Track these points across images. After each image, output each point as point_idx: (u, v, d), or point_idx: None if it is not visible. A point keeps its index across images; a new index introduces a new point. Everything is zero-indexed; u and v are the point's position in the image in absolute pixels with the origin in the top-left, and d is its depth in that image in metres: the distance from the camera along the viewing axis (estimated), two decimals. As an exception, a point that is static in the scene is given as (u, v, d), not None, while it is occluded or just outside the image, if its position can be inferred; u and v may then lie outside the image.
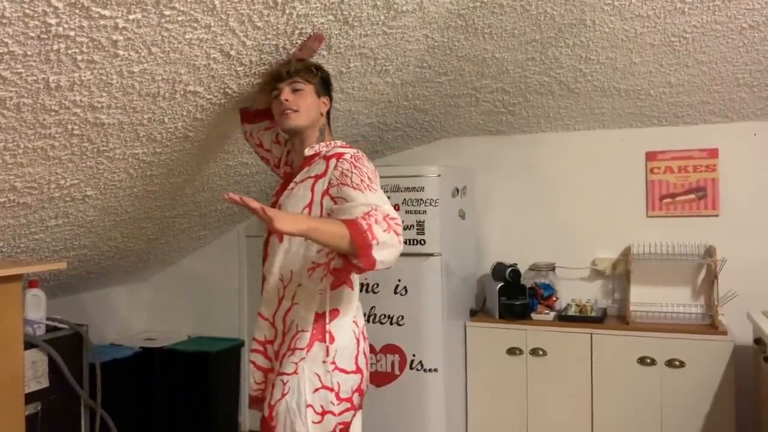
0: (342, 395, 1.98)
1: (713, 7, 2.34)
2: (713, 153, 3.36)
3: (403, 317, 3.16)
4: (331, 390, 1.96)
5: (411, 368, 3.13)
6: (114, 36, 1.66)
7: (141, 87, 1.96)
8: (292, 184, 2.06)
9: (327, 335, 1.97)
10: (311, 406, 1.94)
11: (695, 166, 3.39)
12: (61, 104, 1.86)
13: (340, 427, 1.99)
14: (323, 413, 1.95)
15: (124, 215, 2.95)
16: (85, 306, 3.96)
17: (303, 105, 2.05)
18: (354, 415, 2.04)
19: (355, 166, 1.92)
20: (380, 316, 3.20)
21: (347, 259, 1.79)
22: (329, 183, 1.94)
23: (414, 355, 3.14)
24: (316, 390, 1.95)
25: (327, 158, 2.00)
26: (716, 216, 3.36)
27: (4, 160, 2.02)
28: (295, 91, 2.05)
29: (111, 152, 2.30)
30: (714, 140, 3.37)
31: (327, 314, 1.98)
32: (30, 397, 2.68)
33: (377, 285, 3.20)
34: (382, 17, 2.21)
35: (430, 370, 3.13)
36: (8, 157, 2.02)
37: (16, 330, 2.26)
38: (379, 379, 3.19)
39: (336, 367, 1.97)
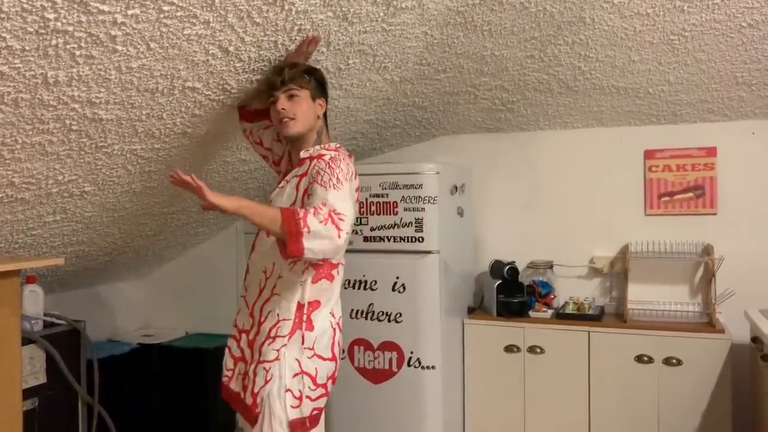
0: (319, 381, 2.09)
1: (712, 6, 2.34)
2: (712, 151, 3.37)
3: (401, 314, 3.16)
4: (310, 376, 2.07)
5: (409, 365, 3.13)
6: (112, 31, 1.66)
7: (139, 83, 1.96)
8: (283, 183, 2.19)
9: (306, 324, 2.08)
10: (290, 390, 2.04)
11: (693, 165, 3.39)
12: (59, 99, 1.86)
13: (315, 412, 2.09)
14: (301, 398, 2.05)
15: (122, 211, 2.95)
16: (82, 302, 3.95)
17: (299, 112, 2.12)
18: (326, 402, 2.15)
19: (329, 166, 2.03)
20: (378, 313, 3.20)
21: (282, 245, 1.89)
22: (308, 181, 2.07)
23: (412, 353, 3.14)
24: (296, 375, 2.05)
25: (311, 159, 2.14)
26: (714, 214, 3.36)
27: (2, 156, 2.02)
28: (291, 97, 2.13)
29: (109, 148, 2.29)
30: (712, 139, 3.37)
31: (307, 305, 2.08)
32: (27, 393, 2.68)
33: (375, 282, 3.20)
34: (381, 14, 2.21)
35: (427, 367, 3.13)
36: (6, 153, 2.01)
37: (14, 326, 2.25)
38: (377, 376, 3.19)
39: (315, 354, 2.09)
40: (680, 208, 3.41)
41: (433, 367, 3.13)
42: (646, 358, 3.10)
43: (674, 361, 3.06)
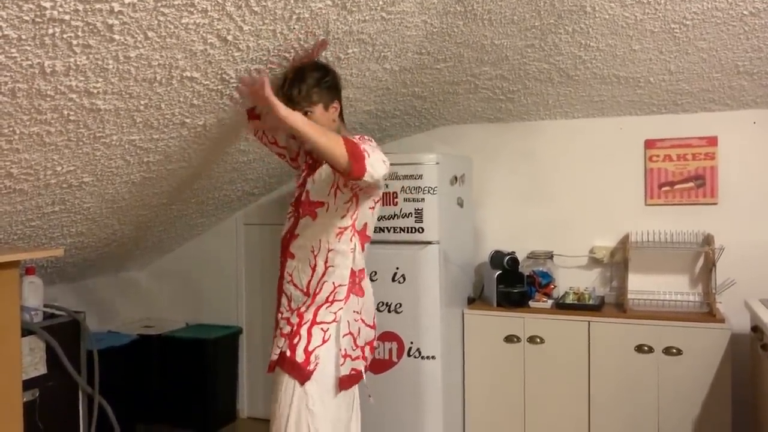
0: (359, 342, 2.28)
1: (714, -6, 2.33)
2: (712, 141, 3.35)
3: (401, 305, 3.16)
4: (353, 336, 2.26)
5: (409, 355, 3.14)
6: (110, 20, 1.64)
7: (137, 72, 1.94)
8: (316, 175, 2.32)
9: (357, 289, 2.29)
10: (341, 349, 2.21)
11: (694, 154, 3.38)
12: (56, 89, 1.84)
13: (353, 372, 2.25)
14: (345, 356, 2.22)
15: (121, 202, 2.94)
16: (82, 293, 3.96)
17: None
18: (365, 368, 2.31)
19: (360, 139, 2.18)
20: (378, 304, 3.19)
21: (341, 168, 2.04)
22: None
23: (412, 343, 3.14)
24: (345, 335, 2.23)
25: None
26: (715, 204, 3.35)
27: (0, 146, 2.01)
28: (304, 114, 2.18)
29: (107, 138, 2.28)
30: (713, 128, 3.36)
31: (358, 272, 2.29)
32: (28, 384, 2.68)
33: (375, 273, 3.19)
34: (380, 2, 2.19)
35: (427, 357, 3.13)
36: (4, 143, 2.00)
37: (13, 317, 2.26)
38: (377, 366, 3.19)
39: (360, 318, 2.30)
40: (681, 198, 3.40)
41: (433, 357, 3.13)
42: (646, 348, 3.10)
43: (674, 350, 3.06)
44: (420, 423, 3.15)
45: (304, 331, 2.21)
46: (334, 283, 2.23)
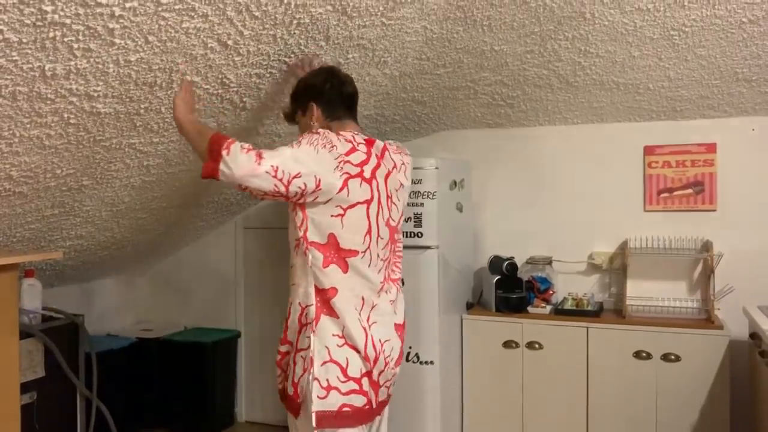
0: (350, 373, 1.98)
1: (713, 1, 2.33)
2: (711, 148, 3.36)
3: (399, 309, 3.15)
4: (339, 365, 1.97)
5: (407, 360, 3.13)
6: (110, 24, 1.65)
7: (138, 76, 1.95)
8: None
9: (329, 310, 1.99)
10: (317, 379, 1.95)
11: (693, 161, 3.38)
12: (57, 93, 1.85)
13: (346, 409, 1.97)
14: (329, 388, 1.95)
15: (120, 205, 2.94)
16: (81, 296, 3.95)
17: (300, 132, 2.19)
18: (368, 407, 2.02)
19: (302, 137, 2.04)
20: (377, 309, 3.19)
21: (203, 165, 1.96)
22: None
23: (410, 348, 3.13)
24: (324, 363, 1.96)
25: None
26: (714, 211, 3.35)
27: (0, 149, 2.01)
28: (296, 122, 2.27)
29: (107, 142, 2.29)
30: (712, 135, 3.36)
31: (327, 290, 1.99)
32: (25, 387, 2.68)
33: (374, 277, 3.19)
34: (381, 8, 2.20)
35: (426, 362, 3.13)
36: (4, 146, 2.01)
37: (12, 320, 2.25)
38: (376, 371, 3.19)
39: (346, 343, 1.99)
40: (679, 205, 3.41)
41: (431, 363, 3.13)
42: (644, 354, 3.10)
43: (672, 357, 3.06)
44: (418, 428, 3.14)
45: (292, 359, 2.06)
46: (300, 303, 2.03)
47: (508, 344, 3.32)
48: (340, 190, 1.97)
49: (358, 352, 2.01)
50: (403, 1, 2.22)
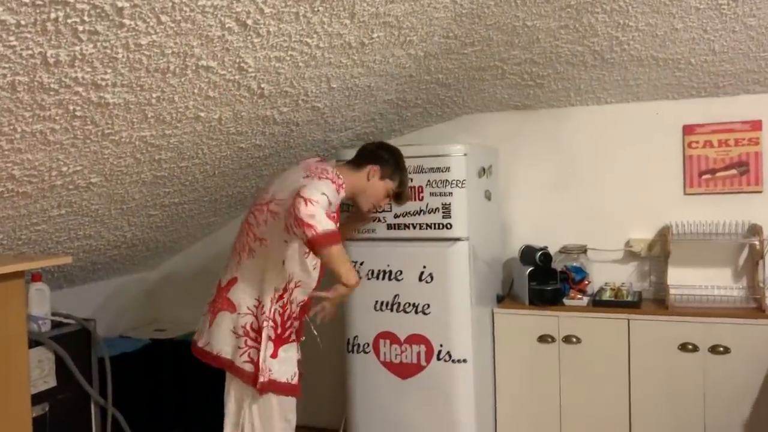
0: None
1: (773, -36, 2.13)
2: (756, 125, 3.17)
3: (428, 305, 2.98)
4: None
5: (438, 359, 2.97)
6: (119, 3, 1.46)
7: (149, 62, 1.77)
8: None
9: None
10: None
11: (737, 140, 3.19)
12: (60, 82, 1.67)
13: None
14: None
15: (131, 203, 2.78)
16: (91, 297, 3.81)
17: None
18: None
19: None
20: (404, 305, 3.02)
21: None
22: None
23: (441, 345, 2.97)
24: None
25: None
26: (760, 192, 3.17)
27: (1, 146, 1.84)
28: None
29: (116, 135, 2.11)
30: (757, 111, 3.17)
31: None
32: (37, 398, 2.57)
33: (401, 272, 3.02)
34: (411, -20, 2.01)
35: (458, 360, 2.96)
36: (4, 143, 1.83)
37: (20, 329, 2.09)
38: (404, 370, 3.03)
39: None
40: (723, 186, 3.22)
41: (464, 361, 2.96)
42: (690, 347, 2.93)
43: (721, 349, 2.88)
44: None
45: None
46: None
47: (543, 339, 3.15)
48: None
49: None
50: (435, -27, 2.02)
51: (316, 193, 2.16)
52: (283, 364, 2.40)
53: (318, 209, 2.12)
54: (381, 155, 2.57)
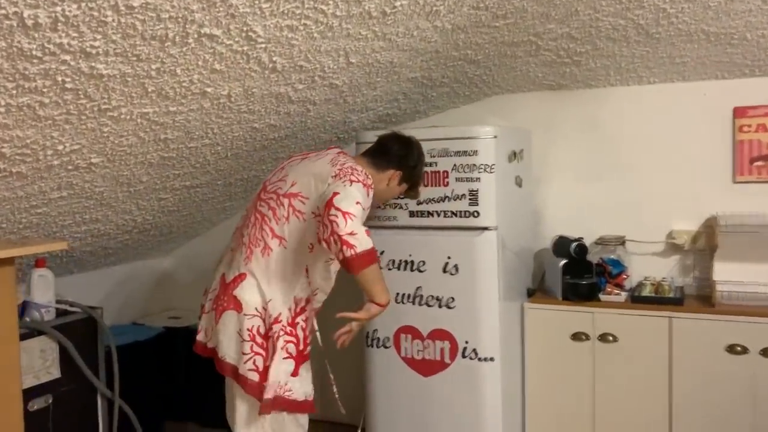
0: None
1: None
2: (815, 107, 2.90)
3: (453, 299, 2.79)
4: None
5: (464, 357, 2.77)
6: (101, -46, 1.28)
7: (144, 28, 1.58)
8: None
9: None
10: None
11: (794, 124, 2.93)
12: (44, 49, 1.49)
13: None
14: None
15: (138, 185, 2.63)
16: (103, 283, 3.69)
17: None
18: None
19: None
20: (427, 298, 2.83)
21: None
22: None
23: (467, 342, 2.77)
24: None
25: None
26: (817, 181, 2.91)
27: (-17, 121, 1.68)
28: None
29: (115, 111, 1.94)
30: (818, 92, 2.91)
31: None
32: (40, 390, 2.46)
33: (423, 263, 2.83)
34: (439, -62, 1.79)
35: (485, 359, 2.76)
36: (-13, 118, 1.67)
37: (10, 323, 1.94)
38: (427, 367, 2.84)
39: None
40: (777, 175, 2.97)
41: (492, 359, 2.76)
42: (739, 348, 2.70)
43: (773, 351, 2.65)
44: None
45: None
46: None
47: (577, 336, 2.93)
48: None
49: None
50: (465, -70, 1.80)
51: (351, 204, 2.07)
52: (304, 382, 2.28)
53: (357, 224, 2.04)
54: (407, 163, 2.49)
